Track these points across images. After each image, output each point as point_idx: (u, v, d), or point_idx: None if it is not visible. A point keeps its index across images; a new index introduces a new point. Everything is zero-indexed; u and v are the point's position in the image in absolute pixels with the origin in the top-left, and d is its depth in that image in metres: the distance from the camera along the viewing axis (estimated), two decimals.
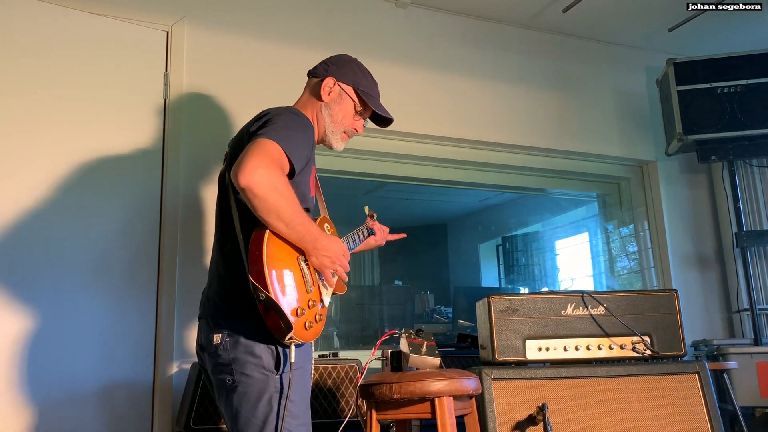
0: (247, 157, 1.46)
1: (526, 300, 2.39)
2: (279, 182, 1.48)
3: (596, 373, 2.30)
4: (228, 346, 1.57)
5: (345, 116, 1.90)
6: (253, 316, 1.54)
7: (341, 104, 1.89)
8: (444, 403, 1.80)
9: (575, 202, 4.54)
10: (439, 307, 4.52)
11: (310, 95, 1.91)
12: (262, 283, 1.47)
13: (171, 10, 2.86)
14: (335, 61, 1.93)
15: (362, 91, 1.91)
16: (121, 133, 2.62)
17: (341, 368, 2.47)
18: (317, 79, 1.90)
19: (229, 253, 1.66)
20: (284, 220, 1.51)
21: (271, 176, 1.46)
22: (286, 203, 1.50)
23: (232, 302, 1.61)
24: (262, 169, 1.45)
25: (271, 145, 1.52)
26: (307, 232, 1.58)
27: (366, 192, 4.03)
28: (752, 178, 3.65)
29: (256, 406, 1.54)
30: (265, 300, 1.47)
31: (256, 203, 1.47)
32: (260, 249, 1.50)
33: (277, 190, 1.48)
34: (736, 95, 3.34)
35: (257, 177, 1.44)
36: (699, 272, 3.77)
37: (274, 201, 1.47)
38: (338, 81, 1.88)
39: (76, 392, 2.35)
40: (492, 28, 3.65)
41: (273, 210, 1.48)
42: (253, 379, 1.55)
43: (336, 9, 3.26)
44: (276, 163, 1.50)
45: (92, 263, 2.46)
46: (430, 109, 3.36)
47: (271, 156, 1.50)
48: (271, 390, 1.55)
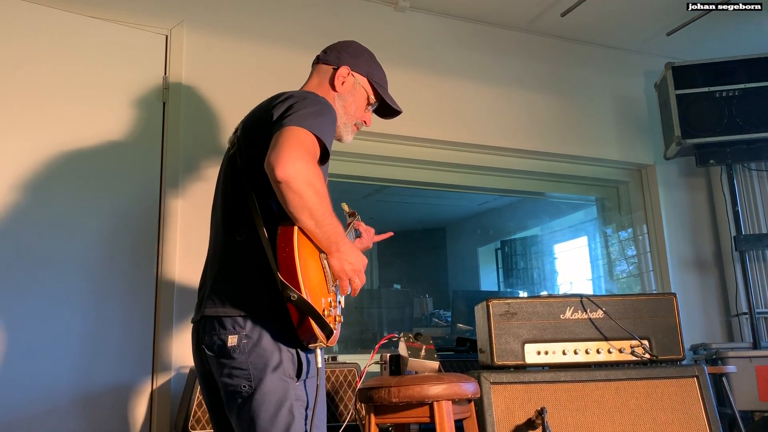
0: (284, 148, 1.36)
1: (525, 304, 2.38)
2: (315, 178, 1.38)
3: (595, 376, 2.30)
4: (246, 348, 1.43)
5: (358, 108, 1.81)
6: (276, 316, 1.43)
7: (354, 95, 1.80)
8: (443, 407, 1.80)
9: (574, 205, 4.54)
10: (437, 310, 4.51)
11: (321, 83, 1.79)
12: (294, 282, 1.35)
13: (170, 14, 2.86)
14: (348, 49, 1.83)
15: (376, 82, 1.83)
16: (120, 135, 2.63)
17: (340, 372, 2.47)
18: (329, 67, 1.79)
19: (244, 243, 1.52)
20: (316, 218, 1.41)
21: (309, 171, 1.37)
22: (319, 201, 1.40)
23: (251, 299, 1.47)
24: (300, 162, 1.35)
25: (305, 134, 1.41)
26: (335, 232, 1.48)
27: (365, 195, 4.03)
28: (751, 182, 3.66)
29: (276, 415, 1.41)
30: (298, 301, 1.35)
31: (290, 198, 1.36)
32: (291, 245, 1.39)
33: (314, 187, 1.38)
34: (735, 99, 3.35)
35: (295, 170, 1.34)
36: (698, 276, 3.77)
37: (309, 197, 1.37)
38: (352, 71, 1.79)
39: (70, 398, 2.34)
40: (490, 32, 3.66)
41: (306, 207, 1.38)
42: (272, 386, 1.42)
43: (335, 12, 3.26)
44: (312, 155, 1.41)
45: (90, 265, 2.46)
46: (428, 112, 3.36)
47: (307, 148, 1.40)
48: (291, 398, 1.43)
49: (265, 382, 1.42)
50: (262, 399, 1.42)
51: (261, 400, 1.42)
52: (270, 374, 1.42)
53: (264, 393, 1.42)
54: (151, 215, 2.63)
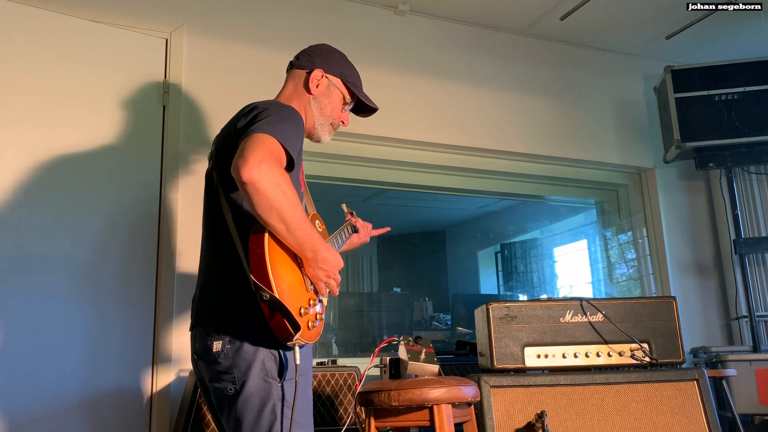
0: (248, 151, 1.39)
1: (524, 307, 2.38)
2: (282, 180, 1.41)
3: (595, 380, 2.30)
4: (230, 353, 1.50)
5: (333, 108, 1.85)
6: (254, 319, 1.48)
7: (330, 97, 1.84)
8: (443, 410, 1.80)
9: (573, 209, 4.54)
10: (437, 314, 4.52)
11: (296, 88, 1.84)
12: (265, 282, 1.41)
13: (170, 18, 2.87)
14: (319, 53, 1.87)
15: (350, 82, 1.87)
16: (120, 139, 2.63)
17: (340, 375, 2.47)
18: (302, 71, 1.84)
19: (222, 254, 1.59)
20: (285, 221, 1.43)
21: (275, 172, 1.40)
22: (288, 203, 1.42)
23: (231, 306, 1.54)
24: (265, 164, 1.38)
25: (269, 139, 1.45)
26: (308, 239, 1.51)
27: (364, 199, 4.03)
28: (750, 185, 3.66)
29: (260, 415, 1.48)
30: (270, 300, 1.41)
31: (257, 199, 1.39)
32: (261, 247, 1.44)
33: (280, 188, 1.40)
34: (734, 102, 3.35)
35: (260, 172, 1.37)
36: (697, 279, 3.77)
37: (275, 198, 1.39)
38: (326, 73, 1.83)
39: (69, 401, 2.34)
40: (490, 36, 3.66)
41: (275, 208, 1.40)
42: (255, 387, 1.48)
43: (334, 16, 3.27)
44: (277, 159, 1.44)
45: (86, 267, 2.46)
46: (428, 116, 3.37)
47: (271, 151, 1.43)
48: (274, 398, 1.49)
49: (249, 384, 1.49)
50: (246, 400, 1.49)
51: (245, 402, 1.49)
52: (253, 376, 1.49)
53: (248, 394, 1.49)
54: (150, 218, 2.63)
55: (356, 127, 3.02)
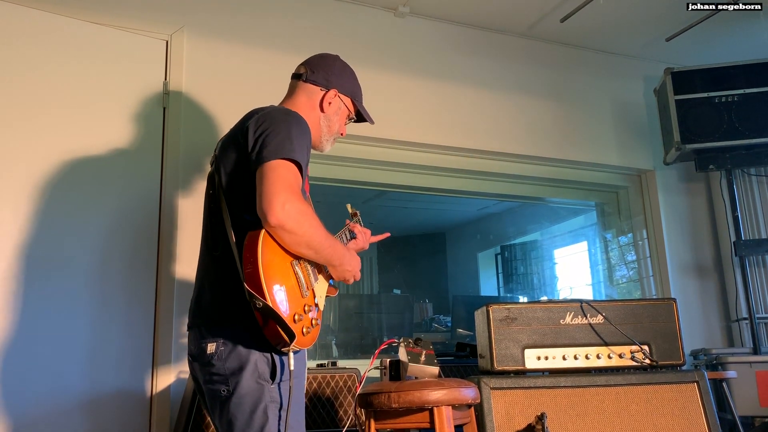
0: (270, 193, 1.48)
1: (525, 309, 2.38)
2: (305, 213, 1.51)
3: (595, 382, 2.30)
4: (223, 355, 1.53)
5: (340, 125, 1.94)
6: (248, 323, 1.50)
7: (339, 114, 1.91)
8: (443, 412, 1.80)
9: (574, 210, 4.54)
10: (437, 316, 4.51)
11: (309, 102, 1.87)
12: (258, 290, 1.44)
13: (170, 20, 2.87)
14: (333, 70, 1.91)
15: (357, 100, 1.96)
16: (121, 141, 2.63)
17: (340, 377, 2.47)
18: (317, 88, 1.87)
19: (220, 258, 1.62)
20: (314, 248, 1.57)
21: (298, 209, 1.49)
22: (314, 232, 1.55)
23: (226, 310, 1.57)
24: (289, 204, 1.48)
25: (283, 167, 1.52)
26: (333, 253, 1.64)
27: (365, 201, 4.03)
28: (750, 187, 3.66)
29: (252, 417, 1.50)
30: (263, 308, 1.44)
31: (287, 239, 1.51)
32: (255, 255, 1.47)
33: (307, 222, 1.52)
34: (734, 104, 3.35)
35: (285, 214, 1.47)
36: (698, 281, 3.77)
37: (303, 233, 1.51)
38: (339, 93, 1.90)
39: (69, 402, 2.34)
40: (490, 38, 3.67)
41: (303, 242, 1.53)
42: (248, 389, 1.51)
43: (335, 17, 3.27)
44: (297, 190, 1.52)
45: (88, 269, 2.46)
46: (428, 117, 3.37)
47: (289, 184, 1.51)
48: (266, 399, 1.51)
49: (241, 386, 1.52)
50: (238, 401, 1.52)
51: (237, 403, 1.52)
52: (245, 378, 1.52)
53: (240, 396, 1.52)
54: (151, 220, 2.63)
55: (356, 129, 3.01)
